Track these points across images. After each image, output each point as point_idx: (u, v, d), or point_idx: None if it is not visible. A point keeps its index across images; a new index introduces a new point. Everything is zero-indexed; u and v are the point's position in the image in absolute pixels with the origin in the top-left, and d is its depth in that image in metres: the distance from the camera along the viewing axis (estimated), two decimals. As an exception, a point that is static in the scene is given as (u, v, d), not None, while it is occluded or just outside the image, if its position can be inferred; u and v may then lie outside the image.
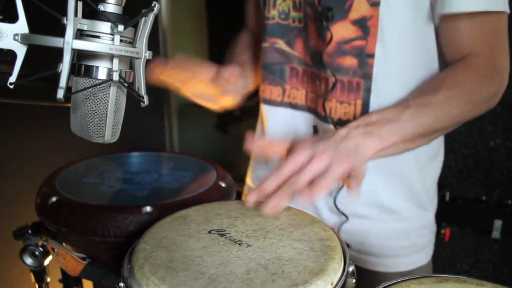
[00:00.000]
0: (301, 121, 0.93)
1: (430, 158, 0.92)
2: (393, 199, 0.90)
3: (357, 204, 0.90)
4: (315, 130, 0.91)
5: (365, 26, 0.80)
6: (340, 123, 0.86)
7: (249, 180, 1.09)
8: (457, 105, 0.76)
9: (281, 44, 0.92)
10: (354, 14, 0.80)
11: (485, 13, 0.77)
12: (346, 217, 0.90)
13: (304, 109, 0.93)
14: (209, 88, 0.92)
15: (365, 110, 0.84)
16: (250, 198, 0.67)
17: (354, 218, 0.91)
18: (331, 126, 0.86)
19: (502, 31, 0.80)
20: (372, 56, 0.82)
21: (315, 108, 0.91)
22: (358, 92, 0.84)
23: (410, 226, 0.92)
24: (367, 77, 0.83)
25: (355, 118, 0.84)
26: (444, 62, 0.85)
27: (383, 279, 0.55)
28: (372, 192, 0.89)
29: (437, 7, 0.78)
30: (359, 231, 0.91)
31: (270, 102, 0.96)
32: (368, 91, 0.83)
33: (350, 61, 0.83)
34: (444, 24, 0.80)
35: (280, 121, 0.96)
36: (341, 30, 0.82)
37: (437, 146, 0.94)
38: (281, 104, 0.95)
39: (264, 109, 0.98)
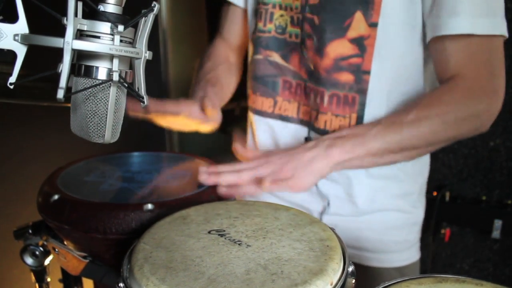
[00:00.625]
0: (291, 133, 0.95)
1: (416, 160, 0.94)
2: (387, 200, 0.93)
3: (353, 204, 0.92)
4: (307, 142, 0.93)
5: (362, 45, 0.83)
6: None
7: None
8: (428, 125, 0.78)
9: (275, 57, 0.94)
10: (352, 33, 0.83)
11: (473, 36, 0.77)
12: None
13: (295, 121, 0.95)
14: (185, 122, 0.92)
15: (359, 123, 0.87)
16: (203, 175, 0.78)
17: (349, 216, 0.93)
18: None
19: (494, 53, 0.79)
20: (368, 72, 0.84)
21: (309, 120, 0.92)
22: (353, 106, 0.86)
23: (402, 223, 0.95)
24: (363, 92, 0.85)
25: None
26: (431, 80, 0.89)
27: (377, 274, 0.56)
28: (365, 194, 0.91)
29: (429, 31, 0.81)
30: (354, 228, 0.93)
31: (261, 113, 0.98)
32: (362, 105, 0.86)
33: (346, 77, 0.86)
34: (434, 46, 0.82)
35: (269, 132, 0.98)
36: (338, 48, 0.84)
37: None
38: (271, 115, 0.97)
39: (254, 119, 0.99)
